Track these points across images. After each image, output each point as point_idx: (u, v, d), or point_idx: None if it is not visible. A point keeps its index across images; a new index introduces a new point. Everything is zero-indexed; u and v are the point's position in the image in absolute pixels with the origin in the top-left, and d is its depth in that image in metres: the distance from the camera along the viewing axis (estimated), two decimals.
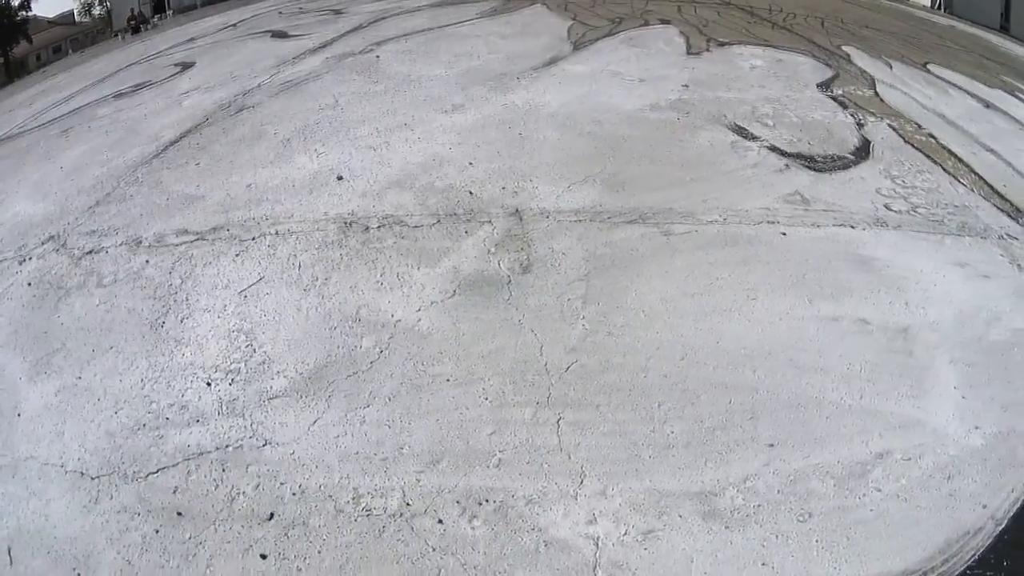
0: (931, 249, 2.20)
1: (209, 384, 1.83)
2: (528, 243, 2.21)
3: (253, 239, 2.31)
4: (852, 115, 2.95)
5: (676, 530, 1.48)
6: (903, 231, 2.25)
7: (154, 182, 2.71)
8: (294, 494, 1.59)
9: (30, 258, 2.34)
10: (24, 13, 17.91)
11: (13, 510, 1.59)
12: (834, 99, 3.10)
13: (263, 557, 1.47)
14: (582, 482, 1.57)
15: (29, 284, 2.21)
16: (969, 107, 3.17)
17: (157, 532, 1.53)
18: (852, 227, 2.26)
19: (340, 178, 2.60)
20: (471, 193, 2.46)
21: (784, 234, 2.21)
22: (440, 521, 1.52)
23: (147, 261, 2.26)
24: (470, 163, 2.63)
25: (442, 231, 2.29)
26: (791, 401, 1.71)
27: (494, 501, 1.55)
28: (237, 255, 2.24)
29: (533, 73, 3.36)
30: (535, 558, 1.45)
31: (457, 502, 1.55)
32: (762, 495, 1.53)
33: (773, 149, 2.68)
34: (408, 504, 1.55)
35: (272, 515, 1.55)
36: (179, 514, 1.56)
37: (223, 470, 1.64)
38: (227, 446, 1.69)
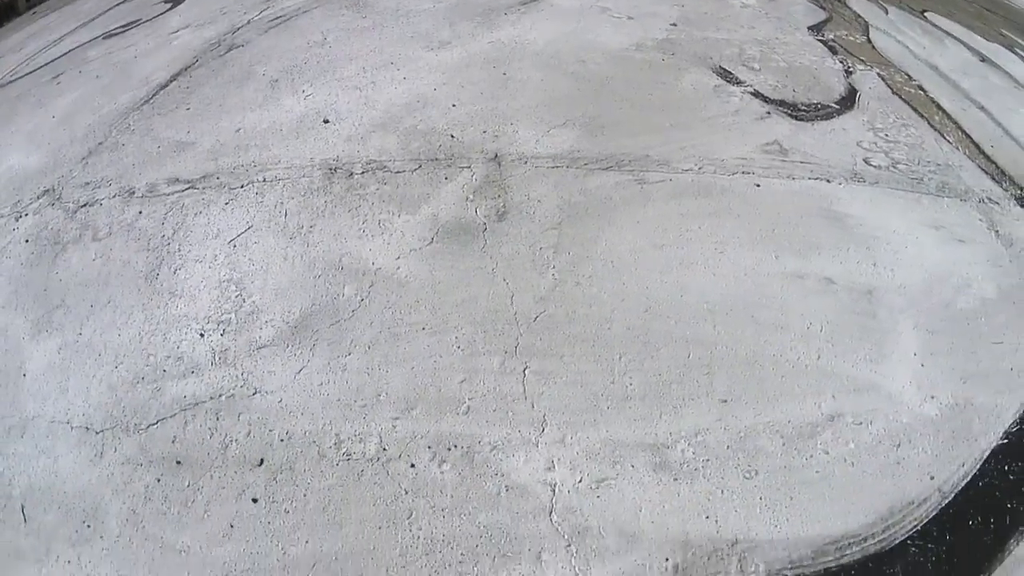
0: (907, 208, 2.17)
1: (202, 335, 1.93)
2: (505, 190, 2.23)
3: (242, 187, 2.35)
4: (841, 61, 2.86)
5: (628, 480, 1.58)
6: (880, 188, 2.23)
7: (145, 129, 2.72)
8: (282, 440, 1.71)
9: (26, 214, 2.40)
10: None
11: (24, 469, 1.73)
12: (824, 44, 3.00)
13: (255, 501, 1.61)
14: (543, 430, 1.68)
15: (27, 241, 2.28)
16: (964, 60, 3.03)
17: (159, 481, 1.67)
18: (828, 181, 2.24)
19: (326, 121, 2.60)
20: (452, 136, 2.46)
21: (758, 186, 2.21)
22: (412, 465, 1.64)
23: (140, 212, 2.32)
24: (453, 105, 2.61)
25: (423, 176, 2.31)
26: (748, 358, 1.77)
27: (462, 447, 1.66)
28: (227, 203, 2.29)
29: (521, 8, 3.25)
30: (496, 501, 1.57)
31: (428, 447, 1.67)
32: (712, 450, 1.62)
33: (756, 95, 2.63)
34: (384, 449, 1.67)
35: (262, 461, 1.67)
36: (178, 463, 1.69)
37: (217, 419, 1.75)
38: (220, 395, 1.80)
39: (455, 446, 1.66)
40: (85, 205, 2.39)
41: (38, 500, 1.67)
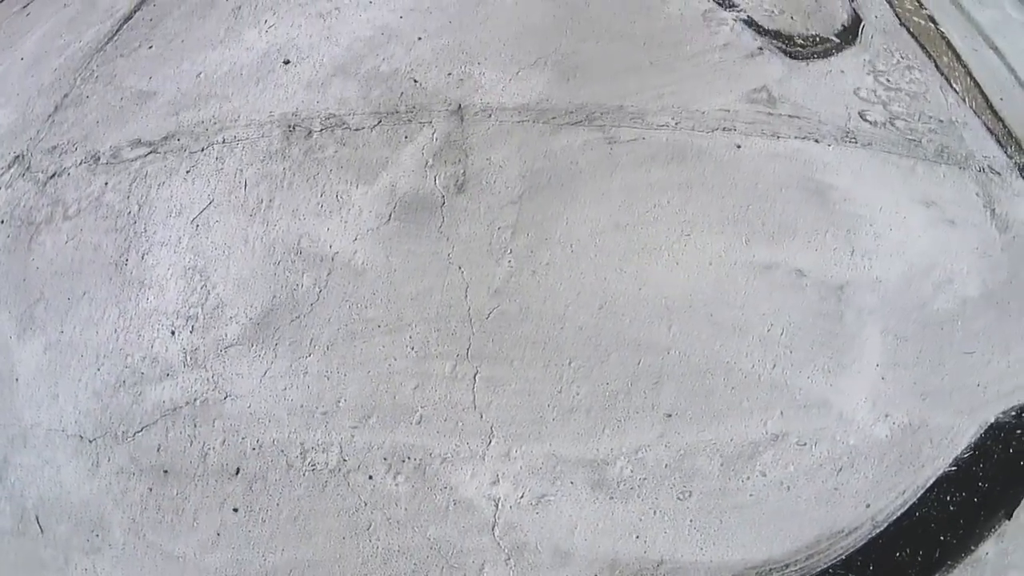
0: (899, 178, 1.90)
1: (173, 333, 1.94)
2: (466, 152, 2.05)
3: (202, 150, 2.21)
4: None
5: (566, 497, 1.61)
6: (872, 151, 1.94)
7: (108, 76, 2.52)
8: (254, 449, 1.77)
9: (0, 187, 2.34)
10: None
11: (32, 479, 1.85)
12: None
13: (235, 511, 1.72)
14: (490, 443, 1.69)
15: (2, 222, 2.25)
16: None
17: (151, 490, 1.78)
18: (816, 141, 1.96)
19: (287, 62, 2.37)
20: (415, 81, 2.22)
21: (739, 147, 1.95)
22: (370, 477, 1.70)
23: (106, 184, 2.22)
24: (419, 38, 2.32)
25: (382, 136, 2.13)
26: (700, 366, 1.69)
27: (415, 459, 1.70)
28: (188, 172, 2.18)
29: None
30: (445, 515, 1.64)
31: (384, 459, 1.71)
32: (650, 468, 1.61)
33: (749, 24, 2.22)
34: (345, 460, 1.73)
35: (238, 470, 1.76)
36: (165, 472, 1.79)
37: (194, 426, 1.82)
38: (195, 400, 1.85)
39: (408, 458, 1.70)
40: (54, 176, 2.30)
41: (50, 511, 1.81)
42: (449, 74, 2.18)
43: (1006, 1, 2.57)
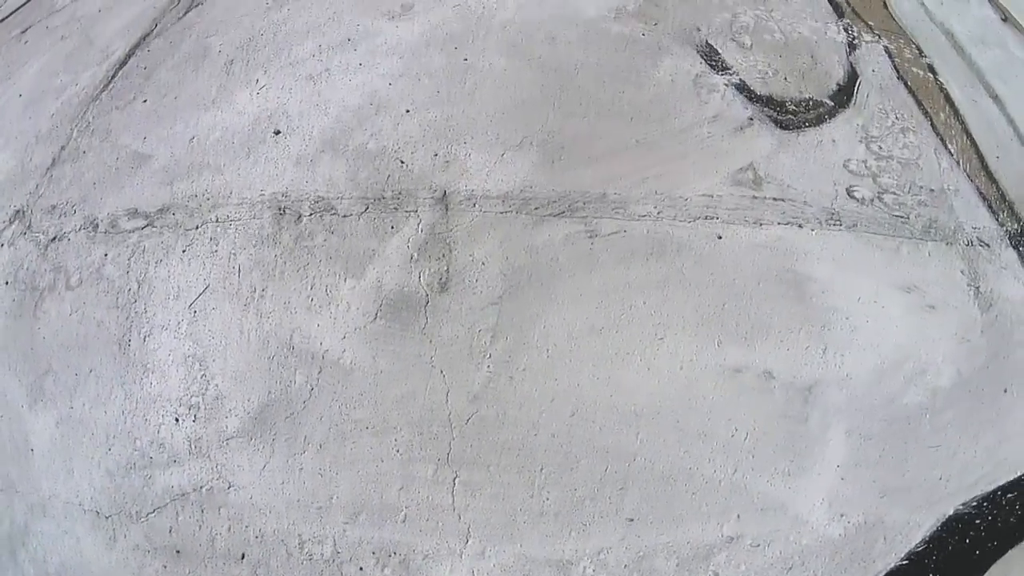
0: (881, 263, 1.91)
1: (177, 420, 2.08)
2: (450, 247, 2.13)
3: (197, 228, 2.29)
4: (846, 29, 2.30)
5: None
6: (856, 233, 1.94)
7: (104, 130, 2.56)
8: (257, 537, 1.95)
9: (1, 244, 2.41)
10: None
11: (54, 547, 2.02)
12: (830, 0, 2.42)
13: None
14: (467, 542, 1.87)
15: (7, 283, 2.33)
16: (983, 20, 2.33)
17: (165, 568, 1.96)
18: (800, 226, 1.96)
19: (277, 132, 2.41)
20: (402, 163, 2.27)
21: (720, 237, 1.98)
22: (361, 568, 1.89)
23: (105, 255, 2.31)
24: (407, 110, 2.35)
25: (369, 225, 2.20)
26: (664, 472, 1.82)
27: (400, 554, 1.88)
28: (184, 251, 2.26)
29: None
30: None
31: (373, 553, 1.90)
32: (611, 569, 1.79)
33: (741, 89, 2.22)
34: (338, 552, 1.91)
35: (244, 555, 1.94)
36: (177, 552, 1.96)
37: (202, 511, 1.99)
38: (201, 487, 2.01)
39: (395, 553, 1.88)
40: (55, 239, 2.39)
41: None
42: (435, 155, 2.23)
43: (1009, 39, 2.50)
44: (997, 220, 2.06)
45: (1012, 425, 1.86)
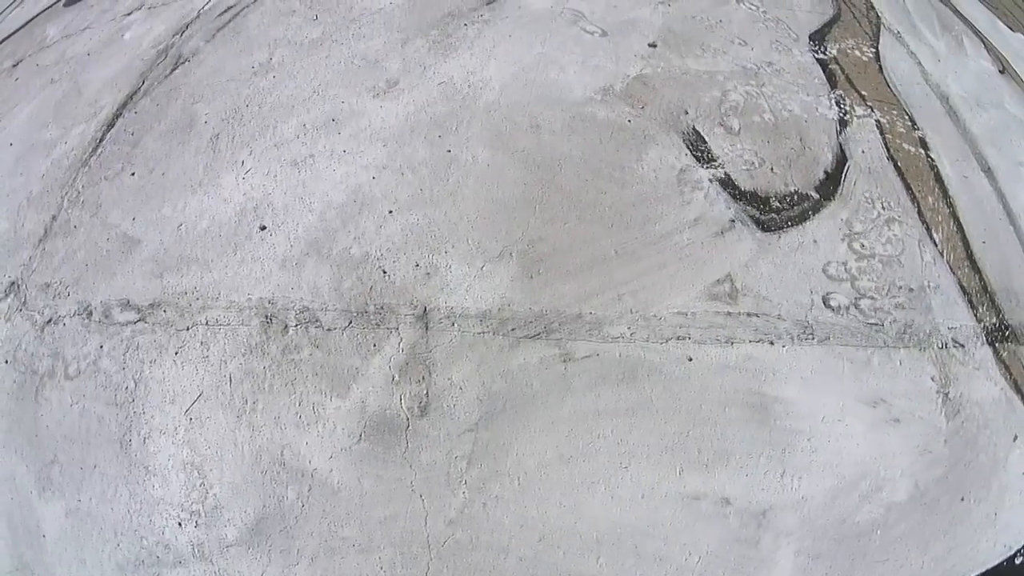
0: (849, 377, 1.93)
1: (180, 524, 2.24)
2: (429, 370, 2.21)
3: (187, 328, 2.36)
4: (838, 102, 2.21)
5: None
6: (828, 347, 1.96)
7: (94, 204, 2.57)
8: None
9: None
10: None
11: None
12: (824, 67, 2.32)
13: None
14: None
15: (6, 362, 2.42)
16: (980, 73, 2.24)
17: None
18: (771, 343, 1.99)
19: (263, 228, 2.43)
20: (384, 273, 2.32)
21: (691, 359, 2.03)
22: None
23: (101, 347, 2.39)
24: (390, 211, 2.37)
25: (353, 341, 2.27)
26: None
27: None
28: (176, 354, 2.34)
29: (485, 14, 2.55)
30: None
31: None
32: None
33: (725, 184, 2.20)
34: None
35: None
36: None
37: None
38: None
39: None
40: (50, 322, 2.45)
41: None
42: (416, 265, 2.26)
43: (1006, 95, 2.44)
44: (975, 315, 2.05)
45: (964, 531, 1.96)
